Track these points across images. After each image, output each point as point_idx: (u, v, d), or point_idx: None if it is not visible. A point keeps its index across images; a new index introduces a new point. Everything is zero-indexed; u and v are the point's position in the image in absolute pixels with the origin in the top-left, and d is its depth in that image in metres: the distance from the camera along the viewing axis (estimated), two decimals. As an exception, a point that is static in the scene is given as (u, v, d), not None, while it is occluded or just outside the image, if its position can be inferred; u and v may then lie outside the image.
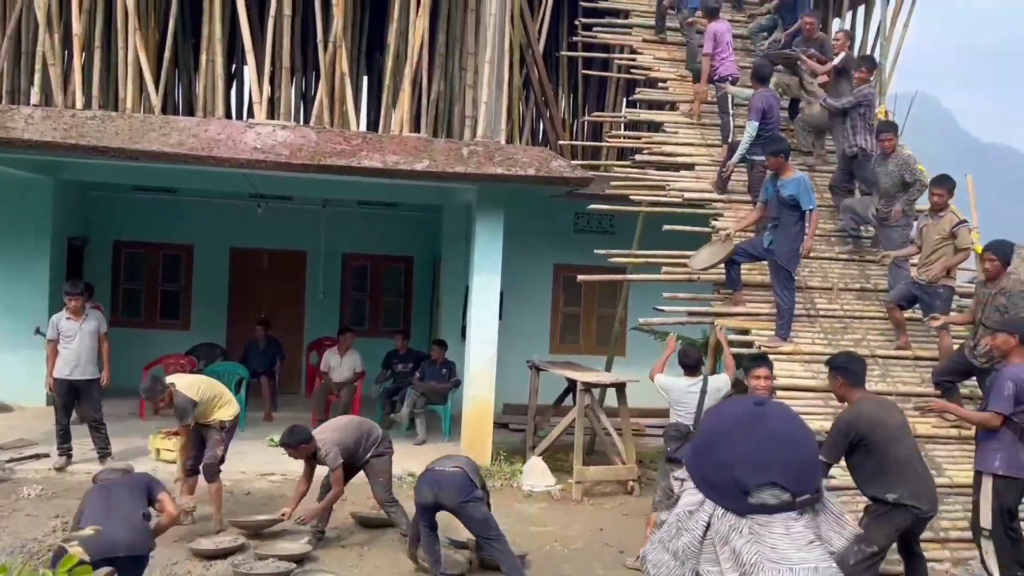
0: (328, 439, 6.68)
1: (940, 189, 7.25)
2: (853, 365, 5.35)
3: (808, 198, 7.32)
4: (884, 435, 5.01)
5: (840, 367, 5.32)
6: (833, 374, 5.35)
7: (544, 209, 11.92)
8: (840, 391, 5.32)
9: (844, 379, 5.26)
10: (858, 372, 5.34)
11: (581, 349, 13.08)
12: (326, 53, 9.02)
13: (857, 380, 5.30)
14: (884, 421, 5.06)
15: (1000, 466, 5.57)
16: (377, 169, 8.37)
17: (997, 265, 6.58)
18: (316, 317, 13.37)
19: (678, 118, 9.91)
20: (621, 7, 11.30)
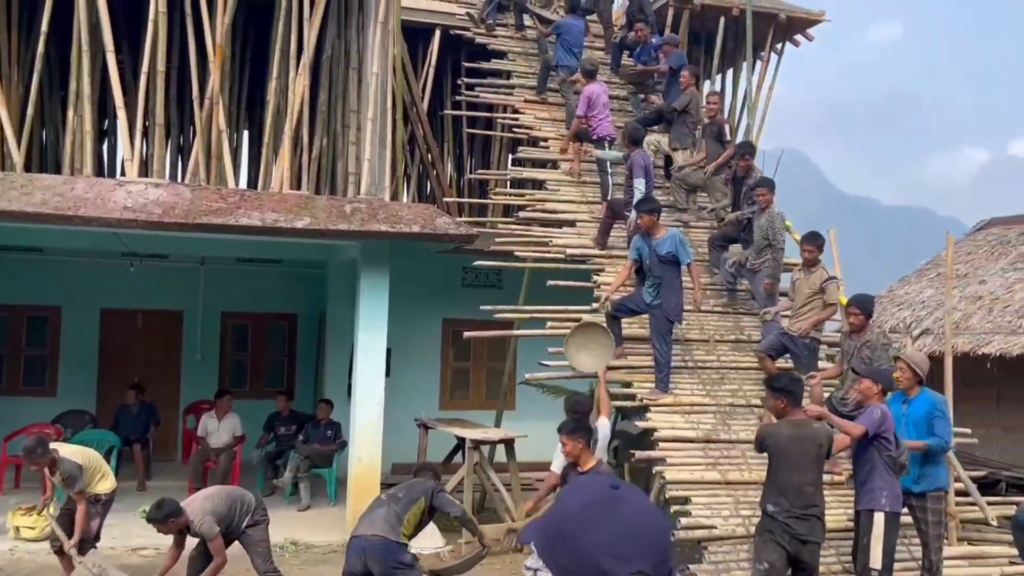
0: (199, 508, 6.38)
1: (811, 245, 7.64)
2: (796, 388, 5.82)
3: (685, 252, 7.63)
4: (785, 454, 5.51)
5: (784, 390, 5.72)
6: (777, 395, 5.73)
7: (432, 264, 11.90)
8: (781, 411, 5.72)
9: (787, 400, 5.68)
10: (798, 394, 5.82)
11: (471, 404, 13.01)
12: (202, 110, 8.83)
13: (796, 401, 5.76)
14: (788, 439, 5.55)
15: (887, 504, 5.92)
16: (256, 227, 8.17)
17: (861, 318, 7.00)
18: (193, 379, 12.83)
19: (559, 176, 10.12)
20: (503, 68, 11.53)
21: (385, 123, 9.38)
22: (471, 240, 9.02)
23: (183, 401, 12.77)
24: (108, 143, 12.54)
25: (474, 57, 11.93)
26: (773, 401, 5.82)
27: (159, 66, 8.62)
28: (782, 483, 5.57)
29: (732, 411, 7.71)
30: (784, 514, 5.52)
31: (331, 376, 12.08)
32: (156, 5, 8.57)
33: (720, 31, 12.05)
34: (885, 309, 12.96)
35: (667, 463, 7.12)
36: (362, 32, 9.64)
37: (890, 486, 5.91)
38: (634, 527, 1.35)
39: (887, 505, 5.87)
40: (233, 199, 8.36)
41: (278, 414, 11.22)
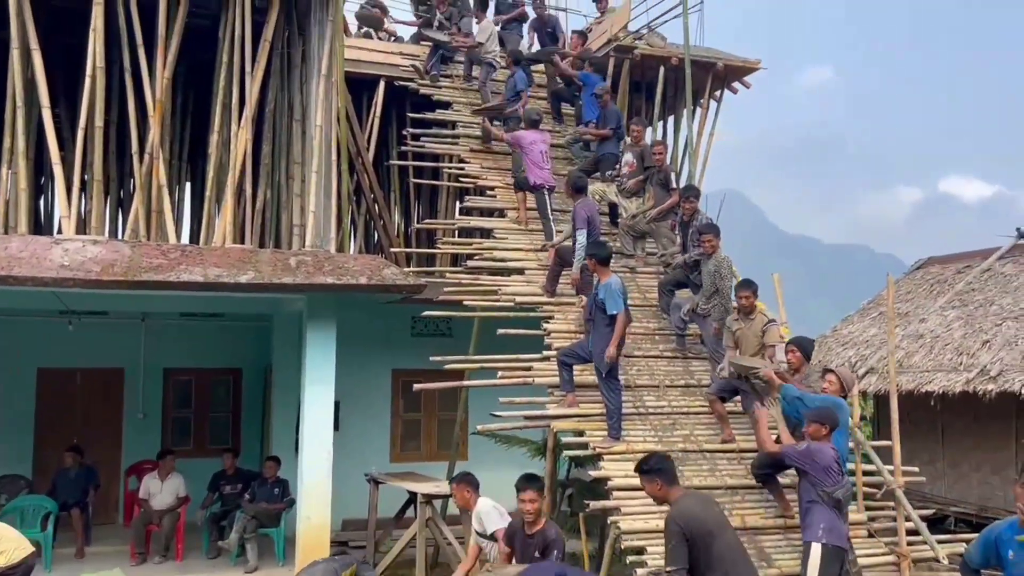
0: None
1: (746, 292, 7.75)
2: (666, 464, 5.48)
3: (614, 303, 7.53)
4: (708, 530, 5.14)
5: (655, 470, 5.40)
6: (650, 477, 5.40)
7: (380, 314, 11.79)
8: (660, 492, 5.39)
9: (662, 480, 5.35)
10: (671, 470, 5.47)
11: (423, 456, 12.84)
12: (142, 164, 8.68)
13: (673, 478, 5.42)
14: (705, 517, 5.22)
15: (823, 535, 6.02)
16: (198, 283, 8.01)
17: (799, 357, 7.17)
18: (135, 439, 12.43)
19: (506, 224, 10.15)
20: (448, 119, 11.59)
21: (330, 174, 9.33)
22: (419, 290, 8.96)
23: (125, 462, 12.36)
24: (45, 200, 12.24)
25: (419, 108, 11.99)
26: (649, 486, 5.44)
27: (97, 121, 8.46)
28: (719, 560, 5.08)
29: (685, 457, 7.68)
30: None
31: (278, 432, 11.81)
32: (94, 60, 8.44)
33: (660, 80, 12.29)
34: (830, 348, 13.17)
35: (621, 512, 7.05)
36: (305, 85, 9.62)
37: (828, 520, 6.03)
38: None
39: (823, 537, 5.98)
40: (174, 255, 8.19)
41: (223, 472, 10.92)
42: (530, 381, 8.29)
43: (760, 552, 6.89)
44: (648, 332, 9.17)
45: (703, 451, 7.79)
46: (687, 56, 11.14)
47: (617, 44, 12.24)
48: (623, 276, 9.79)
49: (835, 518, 6.11)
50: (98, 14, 8.40)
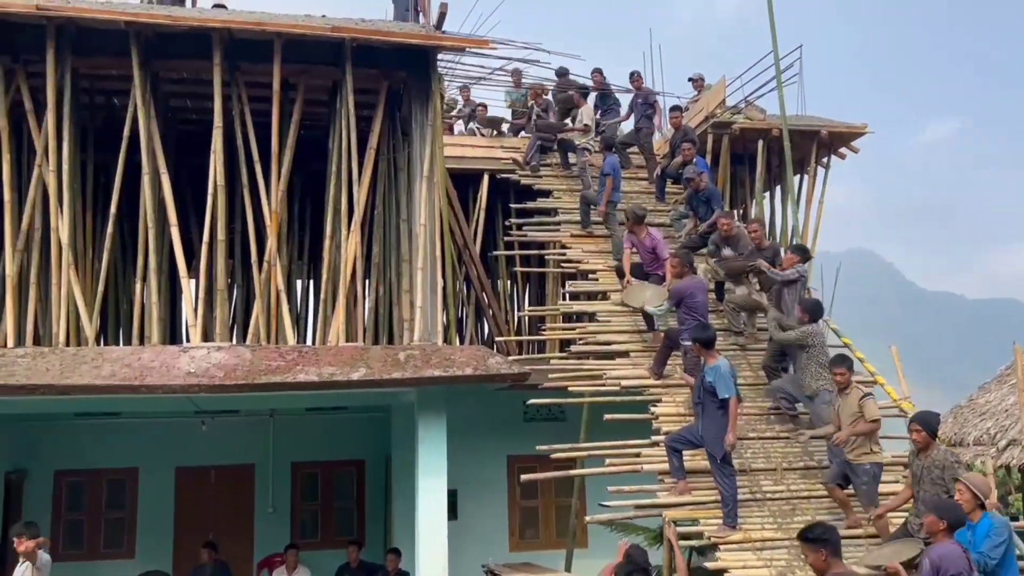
0: None
1: (840, 368, 7.52)
2: (833, 535, 5.39)
3: (725, 386, 7.39)
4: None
5: (820, 539, 5.31)
6: (815, 546, 5.30)
7: (493, 401, 11.89)
8: (823, 564, 5.27)
9: (827, 550, 5.25)
10: (838, 543, 5.37)
11: (542, 544, 12.68)
12: (261, 273, 9.22)
13: (838, 551, 5.33)
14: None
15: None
16: (313, 383, 8.36)
17: (924, 436, 6.74)
18: (266, 532, 12.85)
19: (609, 307, 10.16)
20: (549, 207, 11.83)
21: (435, 270, 9.64)
22: (524, 379, 9.04)
23: (257, 555, 12.77)
24: (175, 308, 13.13)
25: (521, 197, 12.30)
26: (812, 554, 5.34)
27: (219, 235, 9.10)
28: None
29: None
30: None
31: (399, 522, 11.95)
32: (215, 179, 9.13)
33: (761, 151, 12.18)
34: (967, 420, 12.35)
35: (740, 603, 6.77)
36: (409, 186, 10.05)
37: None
38: None
39: None
40: (291, 356, 8.60)
41: (347, 565, 11.13)
42: (639, 468, 8.16)
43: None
44: (762, 412, 8.90)
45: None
46: (784, 126, 11.03)
47: (715, 120, 12.25)
48: (733, 353, 9.65)
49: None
50: (217, 137, 9.12)
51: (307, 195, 12.07)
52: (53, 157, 8.89)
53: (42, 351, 8.34)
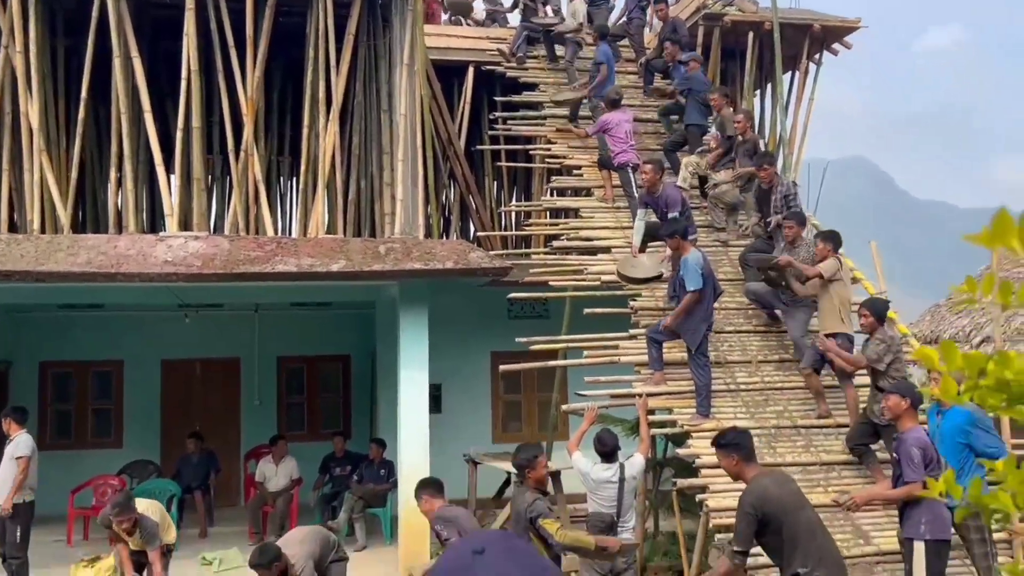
0: (300, 553, 6.45)
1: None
2: (744, 439, 5.18)
3: (691, 278, 7.39)
4: (786, 509, 4.90)
5: (732, 444, 5.11)
6: (726, 452, 5.10)
7: (477, 297, 11.93)
8: (735, 469, 5.09)
9: (739, 455, 5.04)
10: (749, 446, 5.16)
11: (525, 436, 12.90)
12: (238, 162, 9.07)
13: (750, 455, 5.12)
14: (781, 496, 4.94)
15: (927, 531, 5.61)
16: (292, 273, 8.33)
17: (872, 321, 6.82)
18: (253, 425, 13.07)
19: (593, 203, 10.08)
20: (535, 100, 11.58)
21: (416, 163, 9.50)
22: (505, 273, 9.03)
23: (244, 446, 13.02)
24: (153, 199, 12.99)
25: (508, 91, 12.03)
26: (724, 460, 5.15)
27: (195, 122, 8.90)
28: (800, 539, 4.84)
29: (778, 433, 7.48)
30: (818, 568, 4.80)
31: (384, 414, 12.17)
32: (188, 64, 8.87)
33: (752, 45, 11.89)
34: (944, 318, 12.48)
35: (710, 490, 6.93)
36: (390, 75, 9.81)
37: (932, 511, 5.55)
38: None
39: (927, 533, 5.53)
40: (270, 247, 8.54)
41: (333, 455, 11.35)
42: (617, 360, 8.23)
43: (857, 529, 6.64)
44: (741, 307, 8.93)
45: (797, 427, 7.56)
46: (775, 18, 10.71)
47: (706, 12, 11.91)
48: (715, 250, 9.63)
49: (937, 507, 5.62)
50: (189, 19, 8.83)
51: (287, 85, 11.78)
52: (20, 37, 8.61)
53: (16, 238, 8.26)
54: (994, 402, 1.31)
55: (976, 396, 1.32)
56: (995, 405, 1.31)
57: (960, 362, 1.30)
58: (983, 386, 1.27)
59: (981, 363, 1.28)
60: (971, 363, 1.28)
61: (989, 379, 1.27)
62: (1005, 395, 1.27)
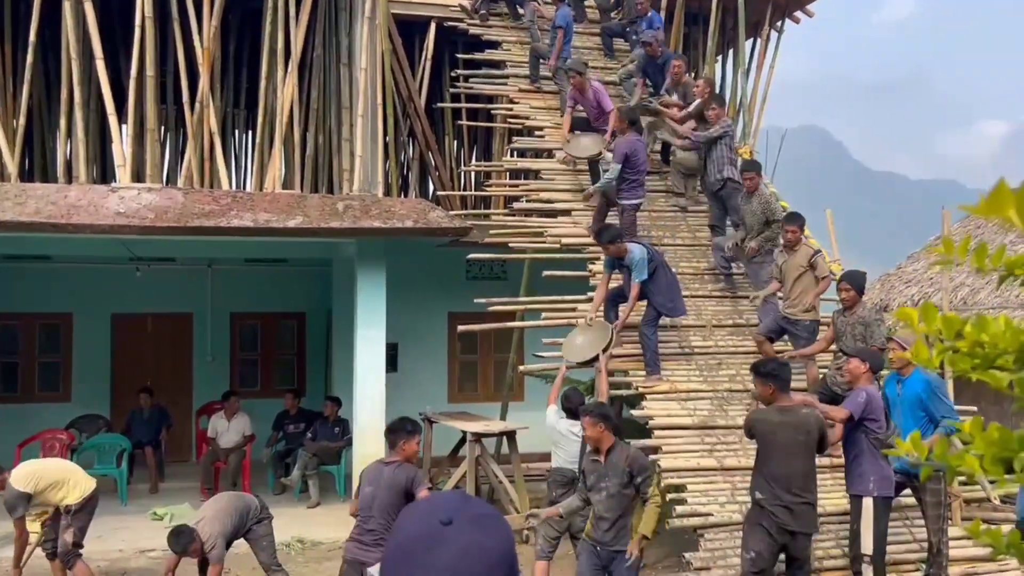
0: (213, 532, 6.43)
1: (792, 226, 7.55)
2: (783, 372, 5.69)
3: (639, 271, 7.48)
4: (775, 442, 5.40)
5: (771, 374, 5.59)
6: (763, 380, 5.59)
7: (436, 257, 11.88)
8: (770, 396, 5.58)
9: (776, 385, 5.54)
10: (786, 379, 5.69)
11: (480, 397, 13.01)
12: (193, 113, 8.86)
13: (784, 387, 5.62)
14: (778, 426, 5.43)
15: (875, 488, 5.84)
16: (248, 228, 8.21)
17: (852, 294, 6.93)
18: (205, 381, 12.94)
19: (554, 165, 10.05)
20: (497, 59, 11.46)
21: (376, 118, 9.37)
22: (464, 233, 9.00)
23: (196, 402, 12.90)
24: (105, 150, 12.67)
25: (470, 49, 11.88)
26: (760, 387, 5.68)
27: (148, 71, 8.66)
28: (771, 471, 5.44)
29: (730, 396, 7.63)
30: (772, 503, 5.40)
31: (339, 373, 12.11)
32: (143, 10, 8.61)
33: (715, 11, 11.86)
34: (893, 287, 12.77)
35: (663, 451, 7.06)
36: (351, 28, 9.62)
37: (879, 470, 5.81)
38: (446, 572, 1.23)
39: (875, 490, 5.80)
40: (225, 201, 8.40)
41: (286, 412, 11.30)
42: (574, 322, 8.28)
43: (803, 491, 6.82)
44: (697, 272, 9.04)
45: (749, 391, 7.66)
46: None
47: (672, -25, 11.83)
48: (673, 215, 9.70)
49: (885, 466, 5.91)
50: (144, -36, 8.54)
51: (244, 36, 11.49)
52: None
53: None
54: (964, 366, 1.34)
55: (948, 360, 1.36)
56: (964, 368, 1.34)
57: (939, 323, 1.33)
58: (960, 347, 1.30)
59: (958, 326, 1.32)
60: (949, 325, 1.32)
61: (966, 341, 1.30)
62: (979, 359, 1.30)
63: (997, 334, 1.27)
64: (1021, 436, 1.25)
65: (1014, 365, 1.27)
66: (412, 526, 1.28)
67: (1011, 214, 0.90)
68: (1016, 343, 1.25)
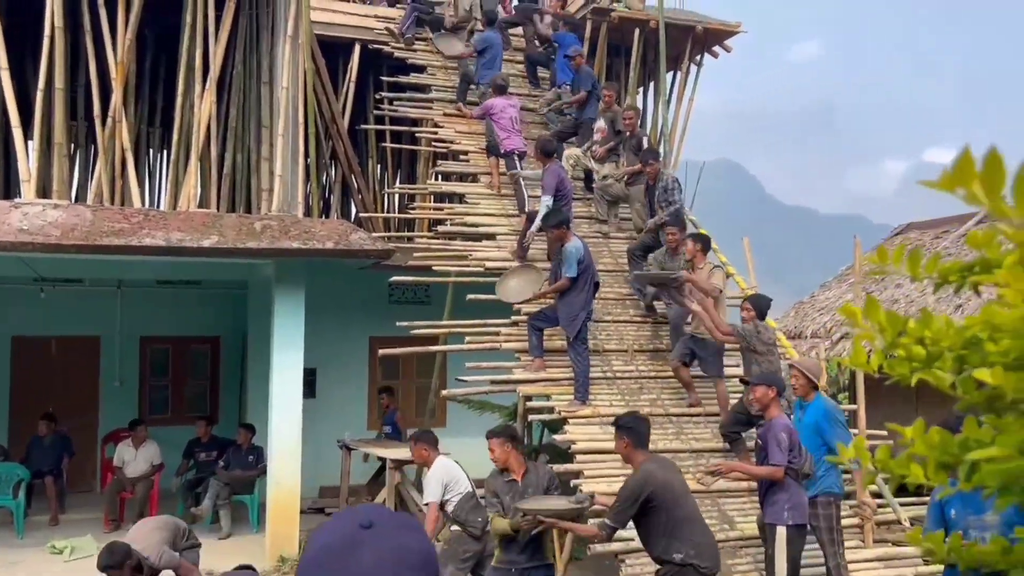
0: (153, 542, 6.13)
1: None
2: (640, 425, 5.35)
3: (569, 267, 7.53)
4: (671, 495, 5.04)
5: (627, 427, 5.28)
6: (620, 434, 5.28)
7: (357, 281, 11.69)
8: (625, 451, 5.28)
9: (630, 439, 5.22)
10: (644, 432, 5.33)
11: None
12: (104, 128, 8.54)
13: (642, 441, 5.29)
14: (670, 481, 5.11)
15: (789, 517, 5.86)
16: (160, 248, 7.91)
17: (752, 315, 7.08)
18: (112, 407, 12.41)
19: (479, 189, 10.04)
20: (423, 83, 11.43)
21: (297, 138, 9.20)
22: (387, 256, 8.87)
23: (102, 429, 12.34)
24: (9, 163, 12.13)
25: (395, 72, 11.82)
26: (617, 442, 5.29)
27: (57, 83, 8.31)
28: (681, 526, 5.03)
29: (651, 421, 7.63)
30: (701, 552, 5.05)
31: (254, 398, 11.77)
32: (52, 20, 8.29)
33: (638, 43, 12.11)
34: (807, 315, 13.12)
35: (585, 476, 7.02)
36: (272, 47, 9.46)
37: (793, 497, 5.83)
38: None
39: (789, 519, 5.82)
40: (136, 219, 8.09)
41: (198, 440, 10.91)
42: (498, 347, 8.23)
43: (723, 515, 6.89)
44: (619, 297, 9.10)
45: (669, 415, 7.76)
46: (661, 17, 10.95)
47: (595, 6, 12.04)
48: (596, 241, 9.77)
49: (799, 493, 5.93)
50: (54, -28, 8.23)
51: (161, 51, 11.18)
52: None
53: None
54: (903, 370, 1.33)
55: (887, 365, 1.34)
56: (904, 373, 1.33)
57: (882, 319, 1.31)
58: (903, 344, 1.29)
59: (901, 324, 1.30)
60: (892, 322, 1.30)
61: (908, 338, 1.29)
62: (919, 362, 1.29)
63: (940, 331, 1.26)
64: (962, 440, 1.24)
65: (954, 365, 1.26)
66: (329, 533, 1.22)
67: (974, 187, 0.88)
68: (960, 340, 1.25)
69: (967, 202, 0.92)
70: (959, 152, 0.87)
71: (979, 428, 1.24)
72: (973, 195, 0.89)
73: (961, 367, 1.24)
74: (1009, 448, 1.14)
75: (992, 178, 0.87)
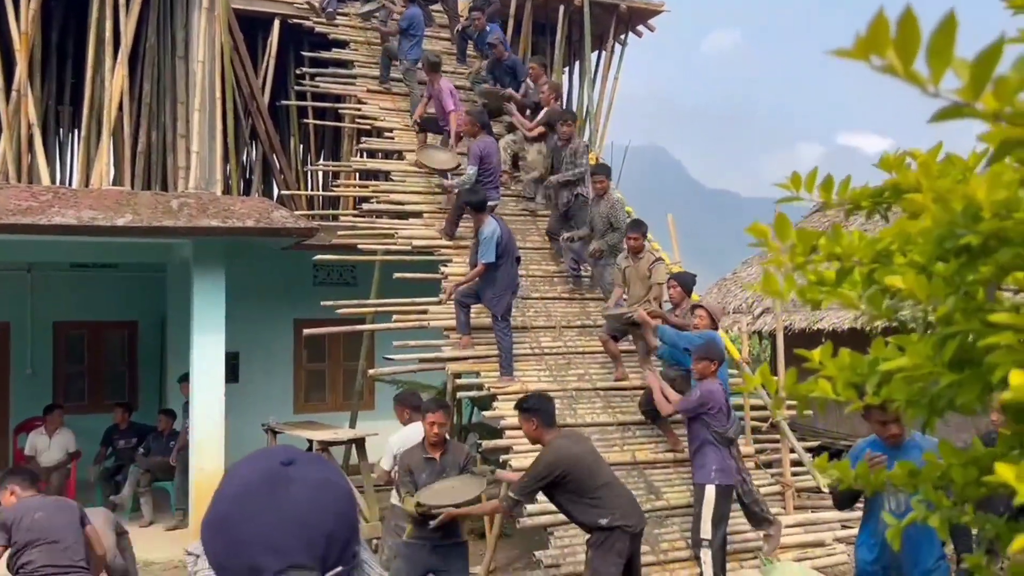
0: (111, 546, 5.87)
1: (635, 234, 7.77)
2: (545, 405, 5.31)
3: (486, 252, 7.52)
4: (584, 468, 5.06)
5: (533, 408, 5.22)
6: (527, 416, 5.21)
7: (281, 261, 11.45)
8: (535, 433, 5.20)
9: (538, 419, 5.17)
10: (550, 411, 5.30)
11: (329, 406, 12.62)
12: (8, 103, 8.14)
13: (550, 420, 5.25)
14: (582, 454, 5.13)
15: (716, 476, 6.04)
16: (71, 226, 7.58)
17: (680, 292, 7.25)
18: (23, 396, 11.89)
19: (405, 167, 9.91)
20: (345, 58, 11.20)
21: (214, 114, 8.93)
22: (310, 234, 8.69)
23: (13, 419, 11.83)
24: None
25: (317, 48, 11.56)
26: (525, 425, 5.24)
27: (-45, 55, 7.89)
28: (601, 492, 5.05)
29: (578, 395, 7.71)
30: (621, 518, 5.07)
31: (174, 385, 11.44)
32: (-52, -13, 7.85)
33: (562, 21, 12.09)
34: (729, 291, 13.40)
35: (514, 451, 7.03)
36: (187, 20, 9.14)
37: (720, 460, 6.04)
38: (297, 515, 1.14)
39: (717, 479, 6.01)
40: (45, 197, 7.74)
41: (116, 427, 10.56)
42: (426, 325, 8.17)
43: (649, 486, 6.98)
44: (547, 274, 9.13)
45: (597, 389, 7.82)
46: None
47: (520, -17, 11.98)
48: (523, 219, 9.77)
49: (726, 457, 6.15)
50: (-50, -64, 7.79)
51: (69, 23, 10.70)
52: None
53: None
54: (813, 295, 1.33)
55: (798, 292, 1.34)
56: (814, 298, 1.33)
57: (792, 236, 1.31)
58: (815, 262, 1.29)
59: (813, 239, 1.30)
60: (803, 238, 1.30)
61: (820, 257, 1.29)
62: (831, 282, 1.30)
63: (851, 245, 1.27)
64: (872, 360, 1.25)
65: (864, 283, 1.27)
66: (248, 470, 1.19)
67: (889, 54, 0.86)
68: (871, 252, 1.25)
69: (883, 72, 0.89)
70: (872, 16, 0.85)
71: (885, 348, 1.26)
72: (889, 65, 0.88)
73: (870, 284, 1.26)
74: (919, 357, 1.15)
75: (906, 43, 0.85)
